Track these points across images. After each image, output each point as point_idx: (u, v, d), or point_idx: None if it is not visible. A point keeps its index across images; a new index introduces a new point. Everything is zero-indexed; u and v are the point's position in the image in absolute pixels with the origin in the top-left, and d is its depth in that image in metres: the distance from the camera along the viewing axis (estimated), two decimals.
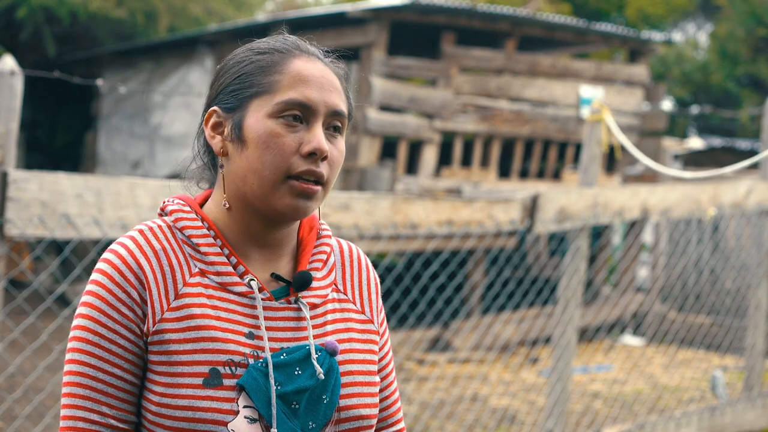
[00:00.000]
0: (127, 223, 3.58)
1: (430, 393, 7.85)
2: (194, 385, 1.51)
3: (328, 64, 1.63)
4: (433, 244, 6.23)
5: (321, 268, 1.66)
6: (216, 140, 1.61)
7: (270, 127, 1.55)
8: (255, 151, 1.56)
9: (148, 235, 1.59)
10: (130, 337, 1.54)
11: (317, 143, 1.55)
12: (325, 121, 1.58)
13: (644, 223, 10.93)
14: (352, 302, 1.69)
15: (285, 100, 1.55)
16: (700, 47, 24.38)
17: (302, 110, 1.56)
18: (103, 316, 1.55)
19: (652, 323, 11.15)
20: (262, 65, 1.59)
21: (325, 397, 1.56)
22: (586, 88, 11.32)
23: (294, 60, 1.59)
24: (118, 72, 13.67)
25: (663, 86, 12.68)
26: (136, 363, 1.55)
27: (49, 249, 11.90)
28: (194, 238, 1.59)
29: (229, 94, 1.60)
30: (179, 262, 1.57)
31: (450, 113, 10.46)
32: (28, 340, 7.64)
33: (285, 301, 1.60)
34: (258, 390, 1.52)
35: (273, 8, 20.44)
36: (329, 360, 1.58)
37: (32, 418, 6.06)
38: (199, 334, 1.53)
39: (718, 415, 6.56)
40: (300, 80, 1.57)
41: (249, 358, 1.54)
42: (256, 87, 1.58)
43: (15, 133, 3.57)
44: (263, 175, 1.55)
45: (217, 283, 1.57)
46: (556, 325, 5.45)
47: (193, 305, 1.55)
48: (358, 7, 10.05)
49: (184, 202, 1.64)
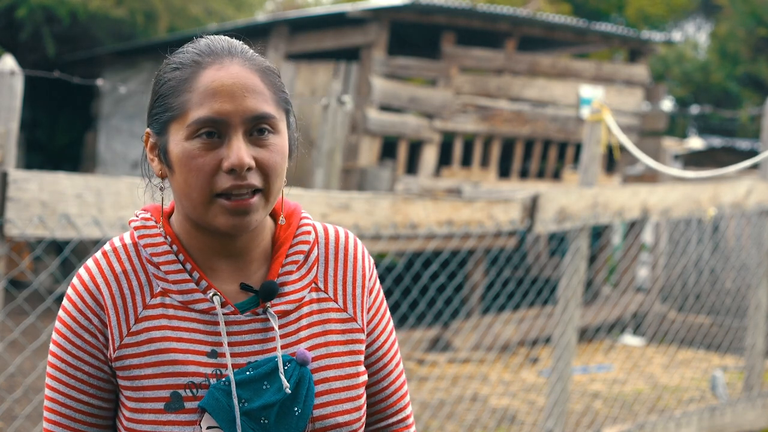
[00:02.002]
0: (127, 223, 3.58)
1: (430, 393, 7.85)
2: (156, 410, 1.51)
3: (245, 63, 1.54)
4: (433, 244, 6.23)
5: (296, 270, 1.61)
6: (154, 163, 1.59)
7: (187, 150, 1.50)
8: (180, 175, 1.52)
9: (110, 258, 1.57)
10: (94, 364, 1.55)
11: (235, 158, 1.48)
12: (247, 130, 1.51)
13: (644, 223, 10.93)
14: (333, 300, 1.63)
15: (194, 120, 1.50)
16: (700, 47, 24.37)
17: (215, 126, 1.49)
18: (68, 344, 1.55)
19: (652, 323, 11.15)
20: (173, 84, 1.54)
21: (297, 409, 1.53)
22: (586, 88, 11.31)
23: (203, 72, 1.52)
24: (118, 72, 13.67)
25: (663, 86, 12.68)
26: (105, 388, 1.56)
27: (49, 249, 11.90)
28: (155, 257, 1.56)
29: (153, 117, 1.57)
30: (140, 284, 1.55)
31: (450, 113, 10.46)
32: (28, 340, 7.64)
33: (252, 313, 1.56)
34: (220, 410, 1.49)
35: (273, 8, 20.44)
36: (299, 370, 1.54)
37: (32, 418, 6.06)
38: (159, 358, 1.52)
39: (718, 415, 6.56)
40: (208, 95, 1.50)
41: (210, 378, 1.51)
42: (170, 111, 1.53)
43: (15, 133, 3.57)
44: (192, 198, 1.51)
45: (179, 302, 1.54)
46: (556, 325, 5.45)
47: (152, 328, 1.53)
48: (358, 7, 10.05)
49: (150, 216, 1.61)
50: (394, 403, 1.71)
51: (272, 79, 1.56)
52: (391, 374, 1.70)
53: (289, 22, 10.87)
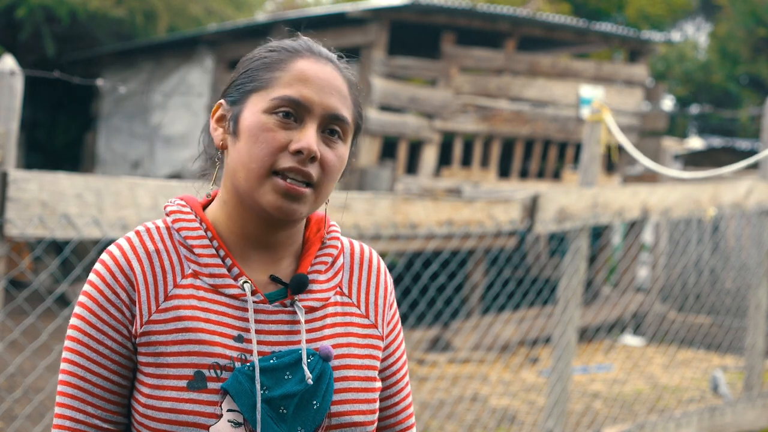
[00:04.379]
0: (127, 223, 3.58)
1: (430, 393, 7.85)
2: (178, 387, 1.51)
3: (338, 69, 1.61)
4: (433, 244, 6.23)
5: (324, 271, 1.64)
6: (217, 132, 1.63)
7: (262, 121, 1.55)
8: (245, 143, 1.55)
9: (143, 237, 1.59)
10: (117, 339, 1.55)
11: (306, 142, 1.53)
12: (322, 124, 1.56)
13: (644, 223, 10.93)
14: (356, 306, 1.67)
15: (279, 96, 1.55)
16: (700, 47, 24.37)
17: (296, 108, 1.55)
18: (93, 317, 1.56)
19: (652, 323, 11.15)
20: (267, 62, 1.59)
21: (315, 402, 1.55)
22: (586, 88, 11.31)
23: (299, 60, 1.58)
24: (118, 72, 13.67)
25: (663, 86, 12.68)
26: (125, 365, 1.56)
27: (49, 249, 11.90)
28: (189, 240, 1.59)
29: (234, 87, 1.62)
30: (172, 263, 1.57)
31: (450, 113, 10.46)
32: (28, 340, 7.64)
33: (280, 304, 1.58)
34: (242, 394, 1.51)
35: (273, 8, 20.44)
36: (321, 365, 1.56)
37: (32, 418, 6.06)
38: (186, 336, 1.53)
39: (718, 415, 6.56)
40: (299, 79, 1.56)
41: (236, 361, 1.53)
42: (256, 82, 1.58)
43: (15, 133, 3.57)
44: (250, 168, 1.54)
45: (210, 285, 1.57)
46: (556, 325, 5.45)
47: (182, 307, 1.55)
48: (358, 7, 10.05)
49: (184, 203, 1.64)
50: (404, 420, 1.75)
51: (355, 94, 1.63)
52: (402, 390, 1.75)
53: (289, 22, 10.86)
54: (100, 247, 3.42)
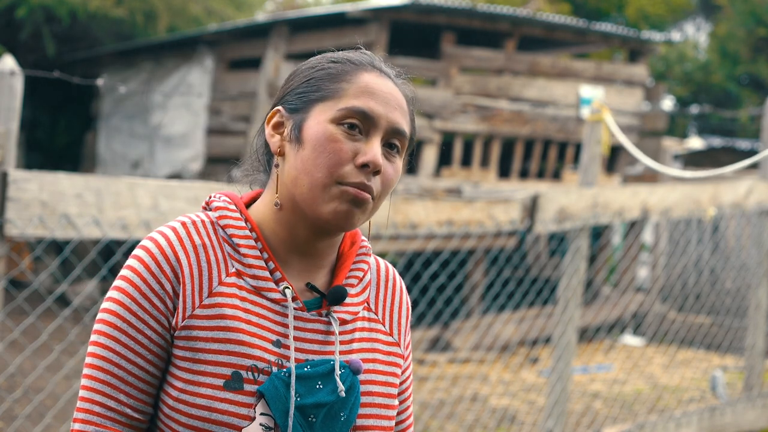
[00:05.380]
0: (127, 223, 3.58)
1: (430, 393, 7.85)
2: (214, 385, 1.51)
3: (398, 85, 1.63)
4: (433, 244, 6.23)
5: (356, 285, 1.66)
6: (275, 139, 1.62)
7: (329, 131, 1.55)
8: (311, 152, 1.55)
9: (190, 229, 1.58)
10: (157, 329, 1.54)
11: (372, 155, 1.54)
12: (384, 137, 1.58)
13: (644, 223, 10.93)
14: (381, 323, 1.69)
15: (348, 107, 1.56)
16: (700, 47, 24.37)
17: (363, 120, 1.56)
18: (134, 304, 1.54)
19: (652, 323, 11.15)
20: (332, 72, 1.61)
21: (342, 414, 1.56)
22: (586, 88, 11.32)
23: (364, 73, 1.60)
24: (118, 72, 13.67)
25: (663, 86, 12.68)
26: (160, 355, 1.55)
27: (49, 249, 11.89)
28: (235, 238, 1.58)
29: (295, 95, 1.62)
30: (217, 260, 1.57)
31: (450, 113, 10.46)
32: (28, 340, 7.64)
33: (316, 313, 1.60)
34: (277, 399, 1.52)
35: (273, 8, 20.43)
36: (351, 378, 1.58)
37: (32, 418, 6.06)
38: (227, 336, 1.53)
39: (718, 415, 6.56)
40: (366, 92, 1.58)
41: (273, 366, 1.53)
42: (322, 91, 1.59)
43: (15, 133, 3.57)
44: (315, 177, 1.54)
45: (252, 286, 1.57)
46: (556, 325, 5.45)
47: (225, 305, 1.54)
48: (358, 7, 10.05)
49: (230, 200, 1.64)
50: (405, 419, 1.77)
51: (412, 110, 1.65)
52: (407, 410, 1.77)
53: (289, 22, 10.87)
54: (100, 247, 3.42)
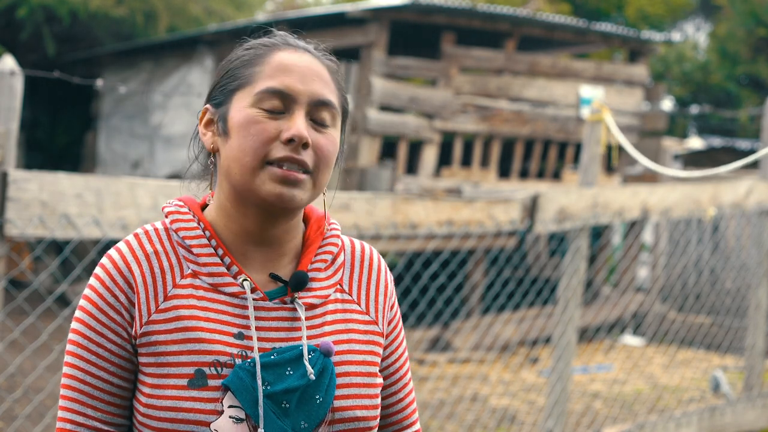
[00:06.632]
0: (127, 223, 3.58)
1: (430, 393, 7.85)
2: (179, 386, 1.53)
3: (317, 57, 1.62)
4: (433, 244, 6.23)
5: (324, 269, 1.66)
6: (207, 137, 1.64)
7: (250, 115, 1.56)
8: (236, 139, 1.56)
9: (142, 239, 1.60)
10: (117, 341, 1.57)
11: (296, 129, 1.54)
12: (309, 111, 1.57)
13: (644, 223, 10.93)
14: (356, 303, 1.68)
15: (263, 89, 1.56)
16: (700, 47, 24.37)
17: (282, 98, 1.56)
18: (93, 320, 1.58)
19: (652, 323, 11.15)
20: (246, 59, 1.61)
21: (318, 396, 1.56)
22: (586, 88, 11.32)
23: (278, 52, 1.60)
24: (118, 72, 13.67)
25: (663, 86, 12.68)
26: (126, 367, 1.57)
27: (49, 249, 11.89)
28: (188, 240, 1.60)
29: (218, 90, 1.63)
30: (171, 264, 1.59)
31: (450, 113, 10.46)
32: (28, 340, 7.64)
33: (280, 301, 1.60)
34: (243, 390, 1.52)
35: (273, 8, 20.44)
36: (323, 360, 1.58)
37: (32, 418, 6.06)
38: (186, 335, 1.54)
39: (718, 415, 6.56)
40: (280, 70, 1.58)
41: (236, 358, 1.54)
42: (239, 80, 1.60)
43: (15, 133, 3.57)
44: (243, 162, 1.55)
45: (209, 284, 1.58)
46: (556, 325, 5.45)
47: (181, 306, 1.56)
48: (358, 7, 10.05)
49: (183, 204, 1.65)
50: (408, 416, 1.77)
51: (338, 78, 1.65)
52: (405, 388, 1.76)
53: (289, 22, 10.87)
54: (100, 247, 3.42)
